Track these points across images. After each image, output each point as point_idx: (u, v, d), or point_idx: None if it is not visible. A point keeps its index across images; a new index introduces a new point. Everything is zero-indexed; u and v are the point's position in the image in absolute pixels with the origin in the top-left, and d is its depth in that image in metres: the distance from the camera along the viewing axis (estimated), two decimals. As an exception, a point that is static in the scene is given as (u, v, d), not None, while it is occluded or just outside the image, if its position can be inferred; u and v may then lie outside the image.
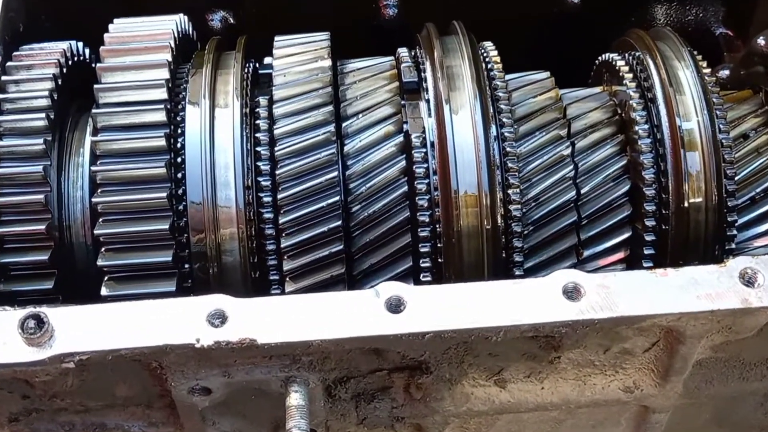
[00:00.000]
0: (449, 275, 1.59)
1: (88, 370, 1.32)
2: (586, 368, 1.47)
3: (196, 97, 1.63)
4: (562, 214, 1.65)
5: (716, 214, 1.63)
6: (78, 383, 1.36)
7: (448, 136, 1.58)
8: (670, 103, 1.66)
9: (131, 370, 1.35)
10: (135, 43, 1.64)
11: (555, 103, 1.71)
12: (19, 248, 1.53)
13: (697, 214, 1.63)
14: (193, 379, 1.35)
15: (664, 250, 1.66)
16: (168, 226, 1.51)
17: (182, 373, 1.34)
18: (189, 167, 1.57)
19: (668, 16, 1.98)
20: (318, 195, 1.56)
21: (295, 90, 1.62)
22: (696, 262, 1.63)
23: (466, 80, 1.64)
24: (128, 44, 1.64)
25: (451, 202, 1.57)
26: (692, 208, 1.63)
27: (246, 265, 1.58)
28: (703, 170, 1.62)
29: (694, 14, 1.96)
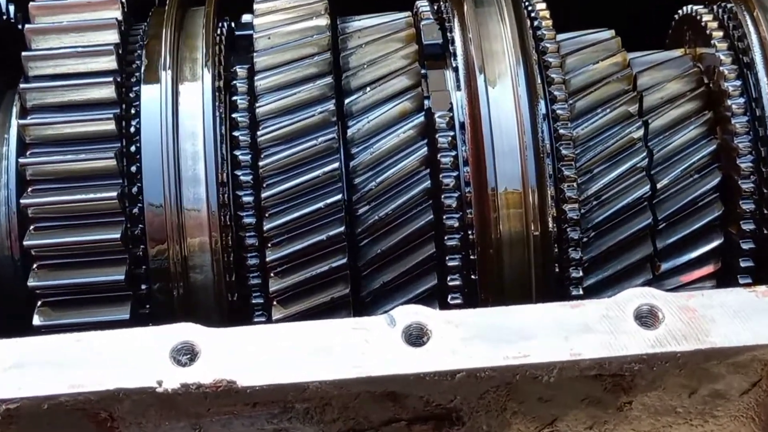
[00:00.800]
0: (485, 296, 1.57)
1: (17, 422, 1.31)
2: (665, 417, 1.46)
3: (154, 67, 1.63)
4: (633, 216, 1.64)
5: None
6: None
7: (483, 115, 1.56)
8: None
9: (73, 422, 1.33)
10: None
11: (622, 71, 1.70)
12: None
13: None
14: None
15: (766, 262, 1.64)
16: (119, 235, 1.50)
17: (139, 427, 1.33)
18: (146, 158, 1.56)
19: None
20: (314, 193, 1.55)
21: (283, 56, 1.61)
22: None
23: (506, 41, 1.62)
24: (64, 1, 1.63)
25: (487, 202, 1.54)
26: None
27: (221, 285, 1.57)
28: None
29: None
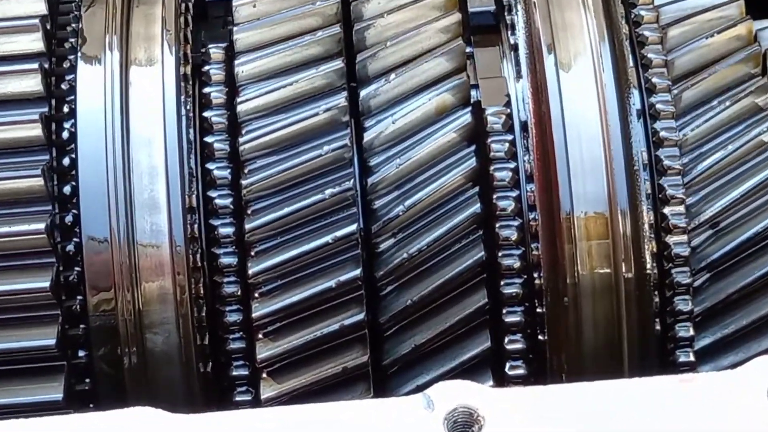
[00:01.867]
0: (558, 364, 1.57)
1: None
2: None
3: (95, 47, 1.63)
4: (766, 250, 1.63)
5: None
6: None
7: (553, 113, 1.56)
8: None
9: None
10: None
11: (747, 48, 1.69)
12: None
13: None
14: None
15: None
16: (49, 283, 1.50)
17: None
18: (84, 175, 1.56)
19: None
20: (319, 221, 1.55)
21: (276, 31, 1.62)
22: None
23: (585, 8, 1.62)
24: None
25: (560, 232, 1.55)
26: None
27: (189, 350, 1.57)
28: None
29: None
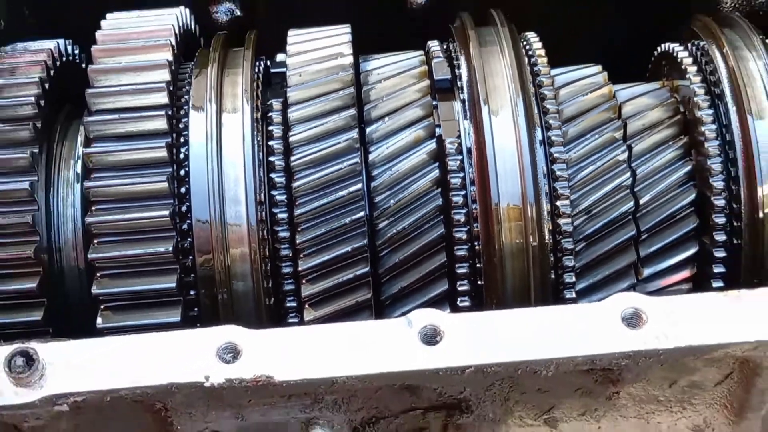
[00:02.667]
0: (491, 300, 1.57)
1: (83, 413, 1.31)
2: (649, 405, 1.46)
3: (200, 101, 1.62)
4: (619, 228, 1.64)
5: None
6: (72, 428, 1.35)
7: (487, 141, 1.56)
8: (740, 99, 1.64)
9: (132, 412, 1.34)
10: (131, 41, 1.64)
11: (608, 101, 1.70)
12: (3, 275, 1.52)
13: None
14: (202, 422, 1.35)
15: (737, 268, 1.65)
16: (171, 248, 1.51)
17: (189, 416, 1.33)
18: (194, 181, 1.56)
19: None
20: (340, 210, 1.55)
21: (313, 91, 1.61)
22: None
23: (506, 77, 1.62)
24: (124, 43, 1.64)
25: (491, 216, 1.55)
26: None
27: (260, 291, 1.57)
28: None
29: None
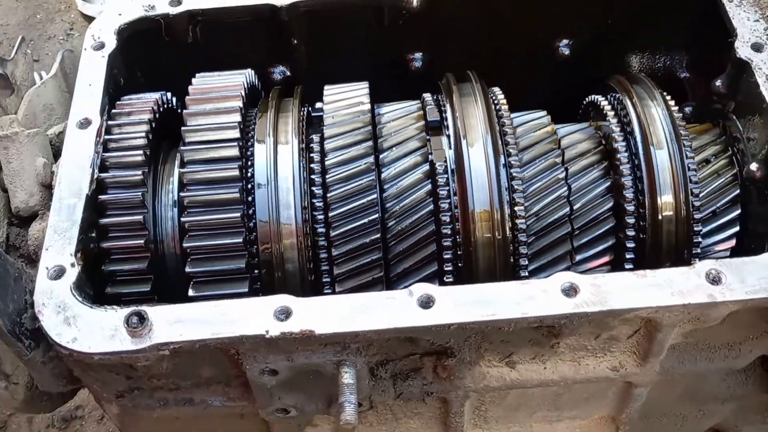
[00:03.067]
0: (467, 277, 1.59)
1: (179, 356, 1.33)
2: (580, 352, 1.47)
3: (262, 135, 1.64)
4: (559, 227, 1.65)
5: (685, 225, 1.63)
6: (171, 366, 1.37)
7: (465, 165, 1.58)
8: (645, 134, 1.66)
9: (214, 355, 1.36)
10: (213, 93, 1.66)
11: (551, 137, 1.71)
12: (122, 259, 1.54)
13: (669, 225, 1.63)
14: (263, 363, 1.36)
15: (642, 255, 1.66)
16: (241, 240, 1.52)
17: (254, 358, 1.35)
18: (257, 192, 1.58)
19: (641, 63, 1.98)
20: (361, 213, 1.56)
21: (342, 129, 1.63)
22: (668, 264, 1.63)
23: (479, 119, 1.64)
24: (207, 94, 1.66)
25: (468, 218, 1.57)
26: (665, 221, 1.62)
27: (304, 271, 1.59)
28: (673, 189, 1.62)
29: (662, 62, 1.96)
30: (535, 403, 1.63)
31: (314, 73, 1.90)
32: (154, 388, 1.45)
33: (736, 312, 1.35)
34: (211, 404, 1.50)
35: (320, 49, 1.88)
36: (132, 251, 1.54)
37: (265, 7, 1.77)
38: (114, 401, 1.48)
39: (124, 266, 1.54)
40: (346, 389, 1.34)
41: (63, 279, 1.38)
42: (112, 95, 1.70)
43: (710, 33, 1.81)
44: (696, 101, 1.90)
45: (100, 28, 1.73)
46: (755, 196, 1.65)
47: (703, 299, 1.31)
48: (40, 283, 1.38)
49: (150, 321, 1.32)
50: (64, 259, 1.40)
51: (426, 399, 1.52)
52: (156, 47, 1.81)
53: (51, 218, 1.46)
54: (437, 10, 1.81)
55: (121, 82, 1.76)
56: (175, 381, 1.44)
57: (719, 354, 1.51)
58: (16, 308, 1.33)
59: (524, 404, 1.63)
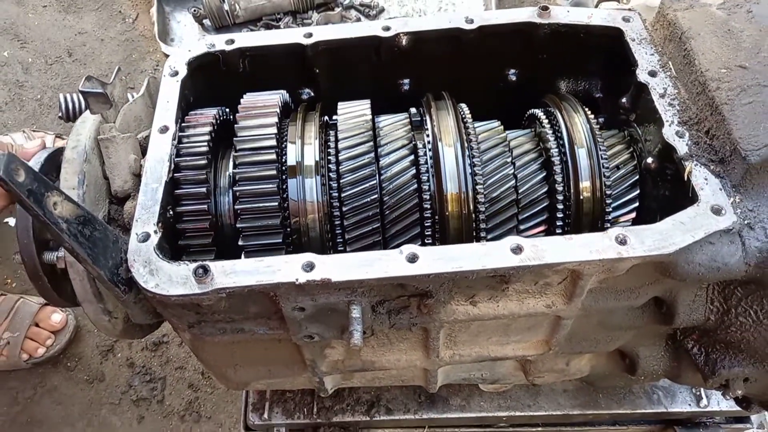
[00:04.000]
0: (441, 240, 1.55)
1: (233, 297, 1.30)
2: (523, 294, 1.44)
3: (293, 138, 1.60)
4: (508, 207, 1.61)
5: (600, 203, 1.59)
6: (227, 305, 1.34)
7: (441, 160, 1.55)
8: (571, 137, 1.62)
9: (259, 296, 1.33)
10: (257, 110, 1.61)
11: (504, 141, 1.67)
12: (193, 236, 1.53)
13: (588, 204, 1.60)
14: (294, 302, 1.33)
15: (568, 224, 1.63)
16: (278, 221, 1.50)
17: (287, 299, 1.32)
18: (289, 183, 1.54)
19: (567, 86, 1.94)
20: (365, 194, 1.53)
21: (350, 133, 1.59)
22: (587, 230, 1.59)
23: (451, 127, 1.60)
24: (252, 111, 1.61)
25: (443, 199, 1.53)
26: (585, 200, 1.59)
27: (323, 236, 1.55)
28: (591, 177, 1.58)
29: (582, 85, 1.92)
30: (491, 331, 1.60)
31: (331, 93, 1.86)
32: (216, 320, 1.42)
33: (637, 265, 1.31)
34: (257, 332, 1.47)
35: (335, 76, 1.82)
36: (199, 232, 1.52)
37: (294, 45, 1.72)
38: (187, 330, 1.45)
39: (194, 241, 1.52)
40: (354, 321, 1.31)
41: (148, 242, 1.34)
42: (184, 109, 1.66)
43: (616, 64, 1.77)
44: (606, 114, 1.85)
45: (175, 60, 1.68)
46: (650, 181, 1.61)
47: (613, 255, 1.28)
48: (132, 244, 1.34)
49: (212, 272, 1.28)
50: (149, 228, 1.36)
51: (412, 328, 1.49)
52: (216, 74, 1.76)
53: (139, 198, 1.42)
54: (420, 48, 1.76)
55: (191, 99, 1.72)
56: (231, 315, 1.41)
57: (624, 295, 1.47)
58: (115, 263, 1.30)
59: (483, 332, 1.60)
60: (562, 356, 1.75)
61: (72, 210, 1.17)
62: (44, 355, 2.90)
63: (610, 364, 1.88)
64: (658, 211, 1.58)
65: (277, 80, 1.80)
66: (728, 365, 1.57)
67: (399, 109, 1.77)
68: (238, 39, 1.73)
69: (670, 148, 1.46)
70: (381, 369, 1.70)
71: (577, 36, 1.77)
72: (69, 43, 4.11)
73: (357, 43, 1.75)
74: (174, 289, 1.27)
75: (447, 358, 1.67)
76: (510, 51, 1.84)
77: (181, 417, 2.94)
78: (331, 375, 1.76)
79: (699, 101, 1.45)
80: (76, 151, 1.47)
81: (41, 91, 3.91)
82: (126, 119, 1.65)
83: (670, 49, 1.60)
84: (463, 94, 1.76)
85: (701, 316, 1.51)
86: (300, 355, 1.60)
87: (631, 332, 1.67)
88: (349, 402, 2.25)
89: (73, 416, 2.93)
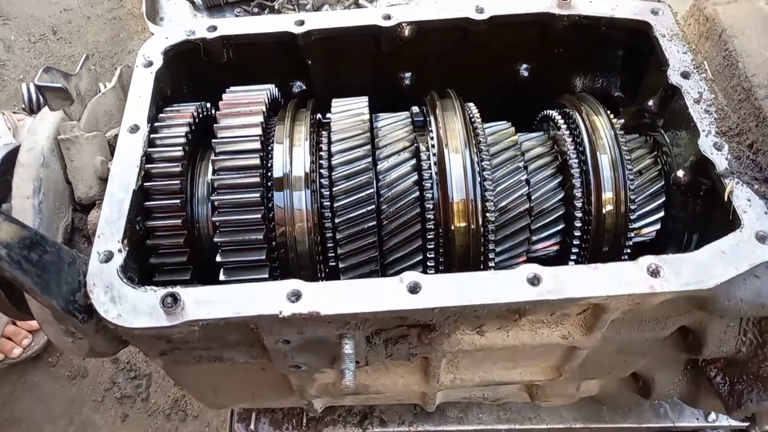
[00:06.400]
0: (446, 255, 1.35)
1: (207, 329, 1.11)
2: (537, 324, 1.25)
3: (280, 139, 1.38)
4: (520, 218, 1.42)
5: (623, 217, 1.39)
6: (202, 334, 1.14)
7: (447, 168, 1.34)
8: (592, 141, 1.41)
9: (237, 328, 1.13)
10: (240, 107, 1.39)
11: (515, 145, 1.47)
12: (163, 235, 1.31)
13: (610, 217, 1.39)
14: (278, 335, 1.14)
15: (587, 241, 1.43)
16: (262, 236, 1.29)
17: (270, 332, 1.13)
18: (276, 191, 1.33)
19: (583, 84, 1.74)
20: (360, 204, 1.32)
21: (345, 135, 1.37)
22: (606, 248, 1.40)
23: (458, 128, 1.39)
24: (235, 108, 1.39)
25: (448, 209, 1.33)
26: (608, 214, 1.39)
27: (312, 252, 1.34)
28: (614, 188, 1.38)
29: (599, 83, 1.72)
30: (497, 357, 1.42)
31: (325, 87, 1.66)
32: (190, 348, 1.22)
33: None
34: (237, 360, 1.27)
35: (330, 69, 1.62)
36: (170, 230, 1.30)
37: (284, 34, 1.50)
38: (158, 357, 1.25)
39: (164, 240, 1.30)
40: (346, 358, 1.12)
41: (111, 263, 1.14)
42: (160, 104, 1.44)
43: (639, 60, 1.57)
44: (626, 116, 1.64)
45: (149, 49, 1.46)
46: (678, 195, 1.41)
47: (644, 290, 1.08)
48: (92, 265, 1.14)
49: (182, 301, 1.08)
50: (113, 245, 1.16)
51: (411, 359, 1.30)
52: (196, 65, 1.54)
53: (103, 210, 1.21)
54: (424, 39, 1.55)
55: (168, 93, 1.50)
56: (207, 344, 1.22)
57: (648, 326, 1.29)
58: (70, 289, 1.09)
59: (488, 358, 1.42)
60: (572, 381, 1.57)
61: (14, 232, 0.97)
62: (21, 356, 2.72)
63: (623, 385, 1.71)
64: (687, 228, 1.39)
65: (265, 72, 1.58)
66: (757, 399, 1.40)
67: (398, 106, 1.55)
68: (221, 25, 1.50)
69: (705, 162, 1.26)
70: (376, 393, 1.52)
71: (598, 29, 1.55)
72: (54, 21, 3.85)
73: (354, 33, 1.53)
74: (138, 321, 1.07)
75: (448, 383, 1.49)
76: (523, 44, 1.62)
77: (166, 416, 2.77)
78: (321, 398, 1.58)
79: (741, 110, 1.24)
80: (32, 153, 1.25)
81: (24, 71, 3.65)
82: (94, 115, 1.43)
83: (706, 47, 1.39)
84: (467, 90, 1.54)
85: (732, 348, 1.33)
86: (287, 380, 1.41)
87: (649, 357, 1.49)
88: (340, 413, 2.07)
89: (55, 414, 2.76)
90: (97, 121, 1.44)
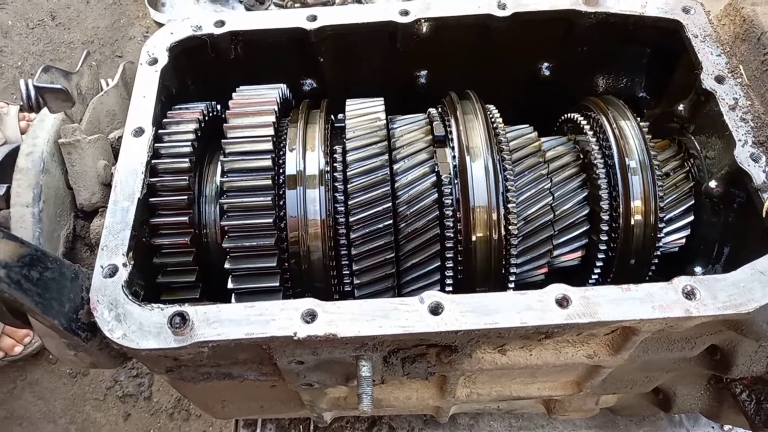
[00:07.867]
0: (466, 269, 1.29)
1: (217, 351, 1.06)
2: (562, 344, 1.21)
3: (293, 144, 1.32)
4: (543, 229, 1.36)
5: (652, 228, 1.33)
6: (211, 354, 1.09)
7: (468, 174, 1.28)
8: (620, 149, 1.35)
9: (248, 348, 1.08)
10: (251, 107, 1.33)
11: (539, 151, 1.41)
12: (172, 253, 1.25)
13: (639, 228, 1.34)
14: (291, 356, 1.09)
15: (613, 252, 1.37)
16: (273, 241, 1.23)
17: (284, 353, 1.08)
18: (288, 195, 1.27)
19: (607, 84, 1.67)
20: (377, 218, 1.26)
21: (362, 142, 1.31)
22: (633, 261, 1.35)
23: (480, 134, 1.33)
24: (246, 108, 1.33)
25: (469, 221, 1.27)
26: (636, 224, 1.33)
27: (326, 261, 1.28)
28: (643, 197, 1.32)
29: (623, 83, 1.65)
30: (516, 374, 1.37)
31: (337, 85, 1.59)
32: (197, 365, 1.18)
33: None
34: (247, 377, 1.23)
35: (342, 66, 1.56)
36: (176, 227, 1.25)
37: (296, 30, 1.44)
38: (165, 374, 1.20)
39: (172, 259, 1.25)
40: (363, 381, 1.07)
41: (116, 277, 1.09)
42: (165, 104, 1.38)
43: (667, 60, 1.50)
44: (651, 118, 1.58)
45: (153, 45, 1.39)
46: (708, 207, 1.36)
47: (680, 314, 1.03)
48: (96, 280, 1.08)
49: (191, 321, 1.03)
50: (117, 259, 1.10)
51: (429, 378, 1.26)
52: (203, 62, 1.48)
53: (107, 220, 1.15)
54: (442, 36, 1.48)
55: (173, 91, 1.44)
56: (216, 361, 1.17)
57: (677, 345, 1.25)
58: (73, 306, 1.04)
59: (507, 374, 1.37)
60: (592, 396, 1.53)
61: (12, 250, 0.91)
62: (21, 353, 2.68)
63: (642, 398, 1.67)
64: (718, 240, 1.34)
65: (275, 69, 1.52)
66: (786, 419, 1.35)
67: (413, 106, 1.49)
68: (229, 20, 1.44)
69: (742, 174, 1.20)
70: (389, 407, 1.47)
71: (626, 27, 1.48)
72: (52, 5, 3.77)
73: (369, 29, 1.46)
74: (145, 342, 1.02)
75: (464, 397, 1.44)
76: (545, 42, 1.55)
77: (169, 415, 2.74)
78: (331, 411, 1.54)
79: (782, 119, 1.19)
80: (31, 159, 1.19)
81: (22, 58, 3.58)
82: (96, 115, 1.37)
83: (742, 50, 1.33)
84: (484, 88, 1.48)
85: (762, 368, 1.28)
86: (297, 395, 1.37)
87: (673, 373, 1.45)
88: (348, 419, 2.03)
89: (56, 412, 2.73)
90: (99, 122, 1.38)
